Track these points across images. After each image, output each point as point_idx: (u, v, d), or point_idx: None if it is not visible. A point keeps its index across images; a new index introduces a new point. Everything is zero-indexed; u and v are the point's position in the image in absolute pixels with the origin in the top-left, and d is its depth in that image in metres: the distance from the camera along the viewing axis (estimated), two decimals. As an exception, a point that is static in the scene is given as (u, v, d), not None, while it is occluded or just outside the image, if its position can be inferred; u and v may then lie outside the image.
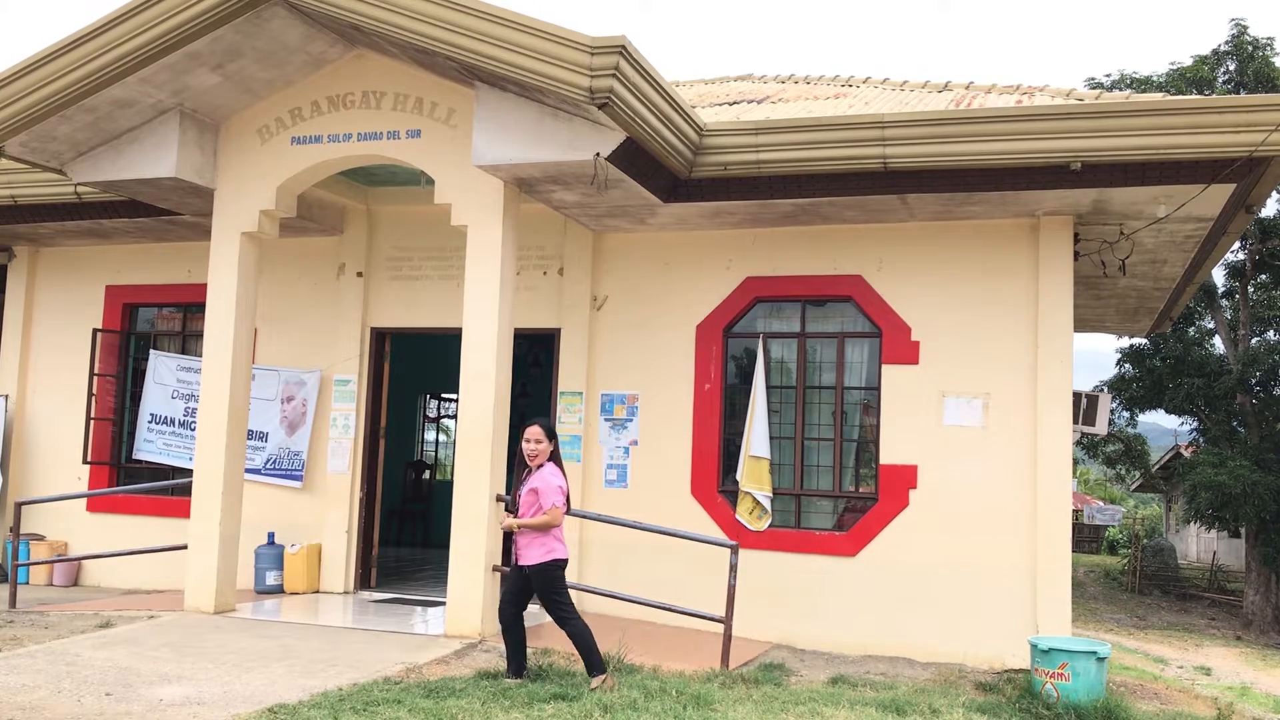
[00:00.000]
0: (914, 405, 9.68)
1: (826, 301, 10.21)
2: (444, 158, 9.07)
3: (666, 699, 6.59)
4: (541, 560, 7.07)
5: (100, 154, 9.76)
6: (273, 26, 8.72)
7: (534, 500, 7.07)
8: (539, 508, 7.05)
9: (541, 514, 7.04)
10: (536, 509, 7.06)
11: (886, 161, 8.72)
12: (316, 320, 11.60)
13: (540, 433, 7.18)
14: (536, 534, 7.08)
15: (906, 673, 8.61)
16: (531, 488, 7.10)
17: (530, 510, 7.09)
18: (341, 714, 6.04)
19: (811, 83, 12.92)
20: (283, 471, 11.53)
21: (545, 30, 7.75)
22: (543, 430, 7.20)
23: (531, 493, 7.09)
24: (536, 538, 7.09)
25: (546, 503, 7.03)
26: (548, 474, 7.13)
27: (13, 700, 6.29)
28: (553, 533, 7.12)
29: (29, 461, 12.63)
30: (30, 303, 12.93)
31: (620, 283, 10.68)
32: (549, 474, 7.14)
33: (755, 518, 9.96)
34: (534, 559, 7.09)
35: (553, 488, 7.07)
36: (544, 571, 7.08)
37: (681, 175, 9.19)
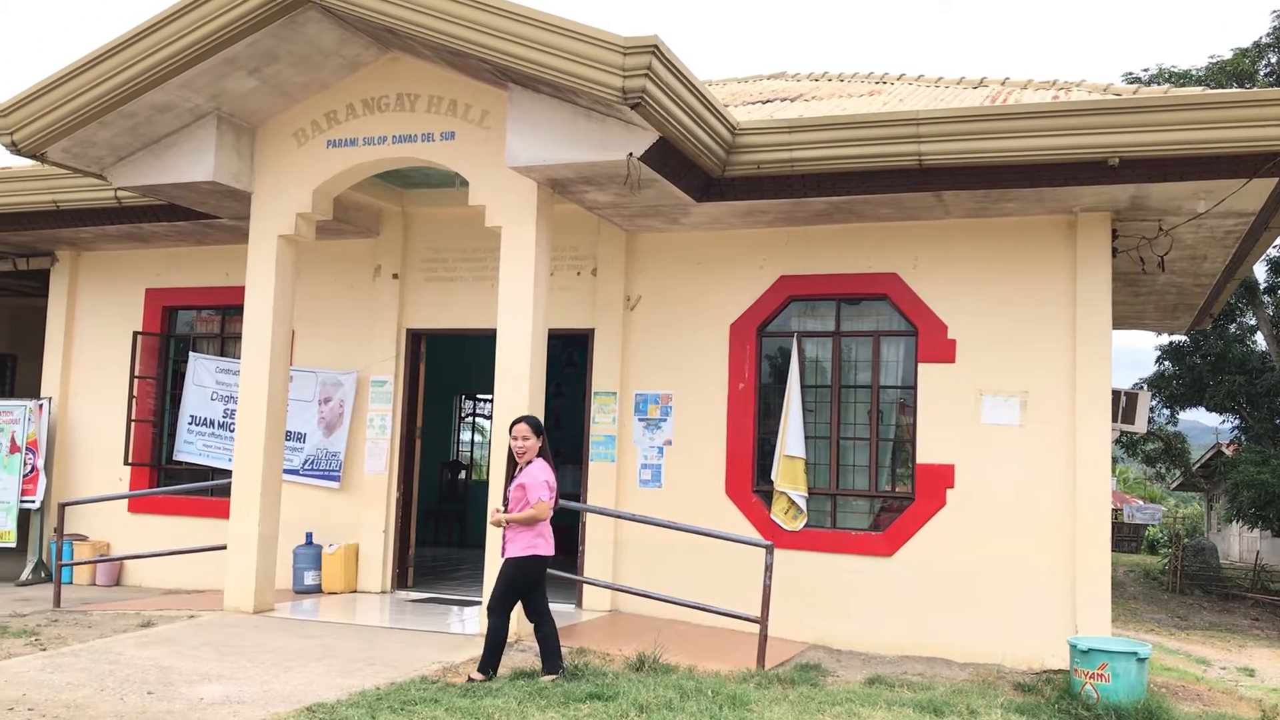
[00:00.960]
0: (951, 404, 9.61)
1: (861, 300, 10.16)
2: (478, 159, 9.11)
3: (702, 699, 6.59)
4: (522, 554, 7.19)
5: (139, 159, 9.87)
6: (308, 30, 8.79)
7: (521, 495, 7.19)
8: (525, 502, 7.16)
9: (528, 509, 7.14)
10: (523, 504, 7.17)
11: (921, 159, 8.66)
12: (353, 322, 11.68)
13: (527, 429, 7.29)
14: (522, 528, 7.19)
15: (944, 673, 8.55)
16: (519, 483, 7.21)
17: (518, 505, 7.20)
18: (379, 713, 6.08)
19: (845, 80, 12.86)
20: (320, 472, 11.63)
21: (577, 31, 7.77)
22: (529, 426, 7.31)
23: (519, 488, 7.21)
24: (521, 532, 7.20)
25: (532, 498, 7.15)
26: (535, 470, 7.24)
27: (58, 698, 6.39)
28: (537, 528, 7.22)
29: (72, 463, 12.80)
30: (72, 306, 13.10)
31: (653, 282, 10.68)
32: (536, 470, 7.24)
33: (790, 518, 9.93)
34: (515, 552, 7.20)
35: (539, 483, 7.18)
36: (519, 564, 7.18)
37: (714, 174, 9.18)
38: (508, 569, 7.21)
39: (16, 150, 9.50)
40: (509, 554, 7.22)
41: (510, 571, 7.20)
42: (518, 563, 7.19)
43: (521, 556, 7.19)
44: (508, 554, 7.23)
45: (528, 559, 7.19)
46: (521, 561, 7.19)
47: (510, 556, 7.21)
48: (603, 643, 8.52)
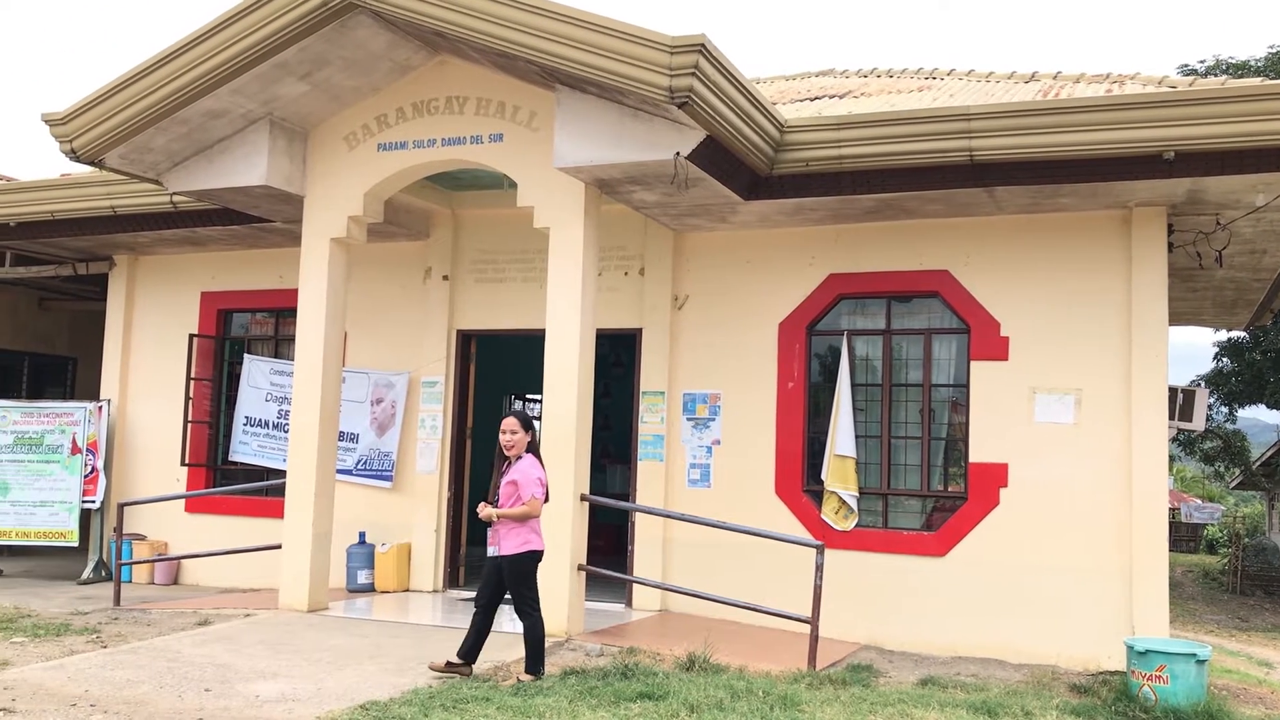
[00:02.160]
0: (1004, 402, 9.51)
1: (912, 297, 10.08)
2: (526, 160, 9.15)
3: (753, 699, 6.57)
4: (517, 550, 7.18)
5: (194, 164, 10.02)
6: (358, 35, 8.88)
7: (513, 491, 7.18)
8: (518, 499, 7.16)
9: (520, 504, 7.14)
10: (515, 500, 7.17)
11: (972, 154, 8.57)
12: (404, 323, 11.78)
13: (515, 424, 7.29)
14: (514, 524, 7.18)
15: (998, 674, 8.46)
16: (511, 479, 7.21)
17: (510, 501, 7.20)
18: (431, 711, 6.13)
19: (894, 76, 12.77)
20: (373, 472, 11.74)
21: (624, 31, 7.77)
22: (518, 421, 7.31)
23: (510, 484, 7.20)
24: (514, 528, 7.19)
25: (525, 494, 7.15)
26: (526, 466, 7.24)
27: (118, 695, 6.50)
28: (530, 524, 7.23)
29: (130, 464, 13.02)
30: (130, 309, 13.32)
31: (701, 282, 10.66)
32: (528, 465, 7.24)
33: (841, 517, 9.87)
34: (510, 549, 7.19)
35: (531, 479, 7.18)
36: (518, 562, 7.18)
37: (762, 172, 9.14)
38: (512, 570, 7.19)
39: (75, 157, 9.68)
40: (504, 551, 7.21)
41: (513, 570, 7.20)
42: (516, 560, 7.20)
43: (519, 554, 7.20)
44: (503, 551, 7.21)
45: (524, 555, 7.22)
46: (519, 559, 7.21)
47: (506, 554, 7.20)
48: (653, 642, 8.52)
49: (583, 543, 8.97)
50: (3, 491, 12.47)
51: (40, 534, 12.41)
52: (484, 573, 7.45)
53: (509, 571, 7.19)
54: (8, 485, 12.48)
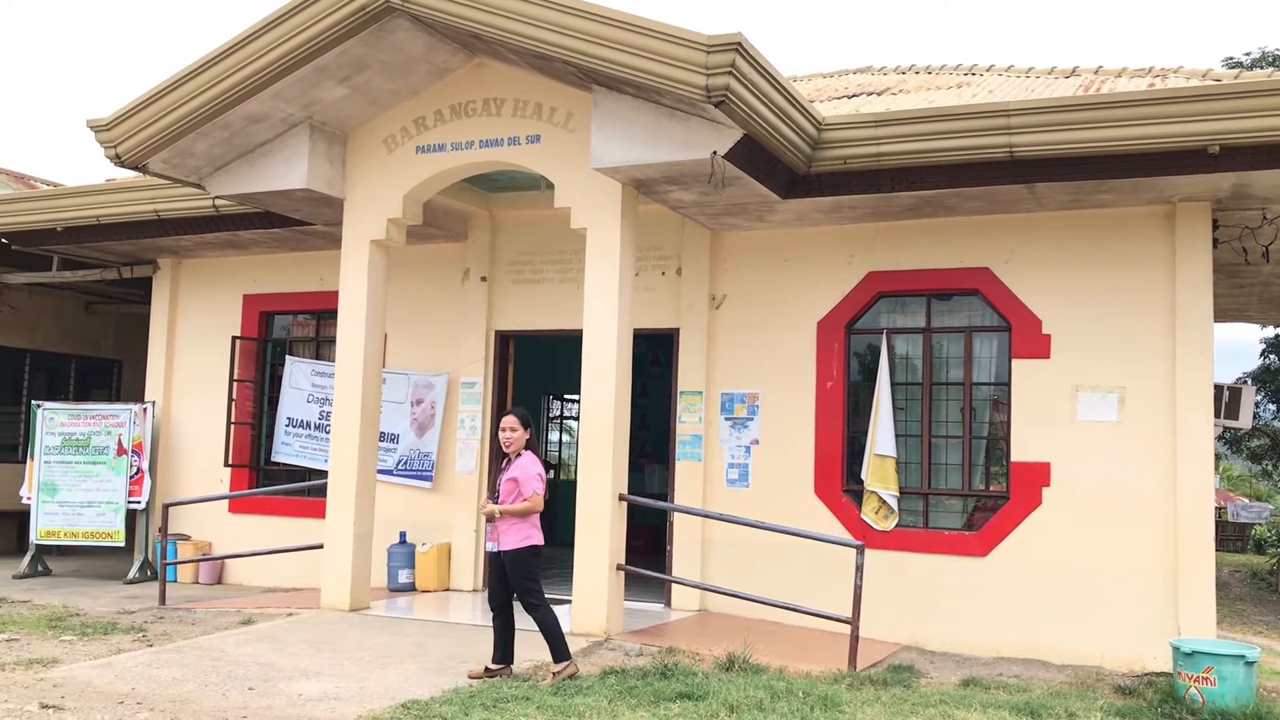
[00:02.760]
0: (1046, 400, 9.41)
1: (952, 295, 10.00)
2: (563, 161, 9.18)
3: (793, 699, 6.55)
4: (518, 546, 7.27)
5: (235, 168, 10.13)
6: (397, 38, 8.94)
7: (514, 488, 7.28)
8: (519, 495, 7.25)
9: (522, 500, 7.23)
10: (517, 496, 7.26)
11: (1013, 150, 8.49)
12: (443, 324, 11.84)
13: (515, 421, 7.40)
14: (516, 520, 7.27)
15: (1041, 675, 8.38)
16: (511, 476, 7.30)
17: (511, 497, 7.28)
18: (472, 710, 6.16)
19: (933, 73, 12.68)
20: (413, 472, 11.81)
21: (660, 30, 7.77)
22: (517, 419, 7.41)
23: (511, 481, 7.29)
24: (515, 524, 7.27)
25: (527, 490, 7.25)
26: (526, 462, 7.34)
27: (164, 693, 6.59)
28: (530, 519, 7.32)
29: (175, 464, 13.18)
30: (174, 312, 13.49)
31: (739, 281, 10.64)
32: (528, 462, 7.34)
33: (881, 517, 9.81)
34: (511, 544, 7.27)
35: (532, 475, 7.29)
36: (519, 557, 7.27)
37: (800, 170, 9.11)
38: (515, 565, 7.28)
39: (120, 162, 9.81)
40: (505, 546, 7.29)
41: (516, 565, 7.28)
42: (518, 555, 7.28)
43: (520, 549, 7.28)
44: (504, 546, 7.30)
45: (525, 550, 7.30)
46: (521, 554, 7.29)
47: (508, 549, 7.29)
48: (692, 642, 8.52)
49: (621, 542, 8.97)
50: (51, 492, 12.67)
51: (87, 534, 12.60)
52: (489, 574, 7.52)
53: (511, 567, 7.29)
54: (56, 486, 12.68)
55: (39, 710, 6.02)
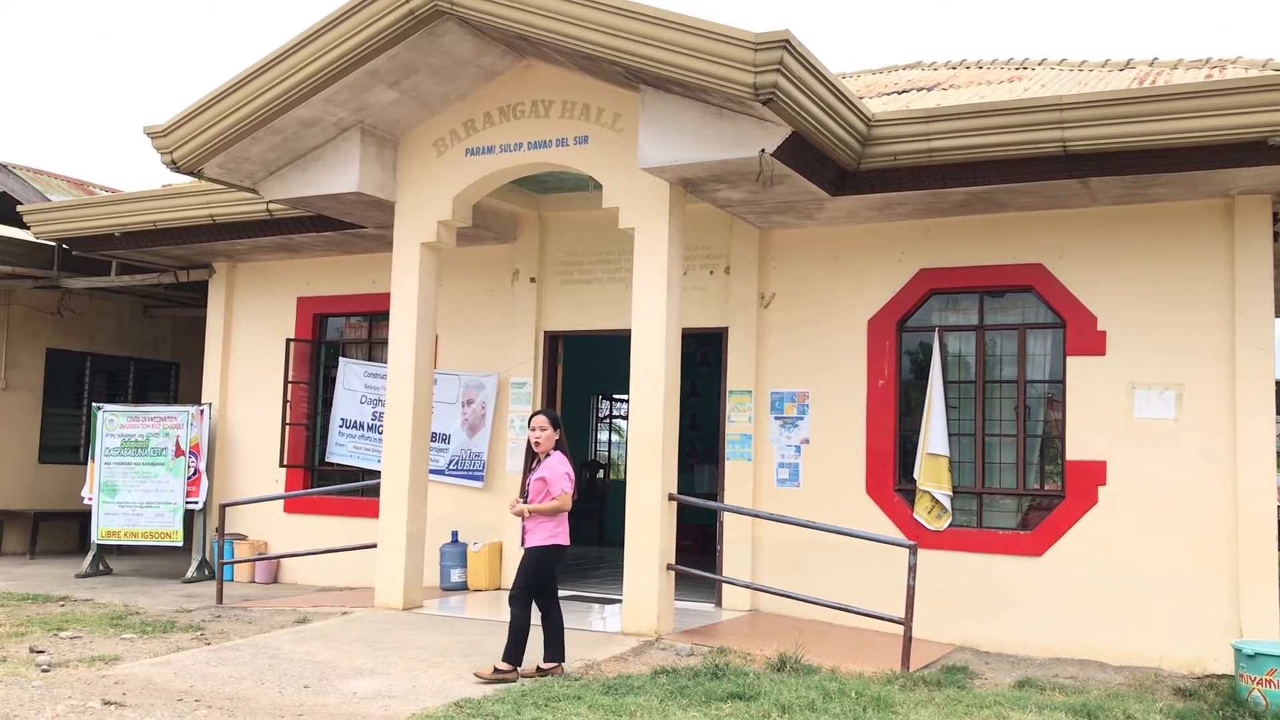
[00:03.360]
0: (1101, 398, 9.27)
1: (1005, 292, 9.89)
2: (611, 162, 9.19)
3: (845, 700, 6.50)
4: (544, 543, 7.35)
5: (288, 172, 10.25)
6: (445, 42, 9.00)
7: (543, 487, 7.36)
8: (548, 494, 7.33)
9: (551, 499, 7.30)
10: (545, 495, 7.34)
11: (1066, 145, 8.38)
12: (493, 325, 11.91)
13: (545, 421, 7.48)
14: (543, 519, 7.34)
15: (1098, 676, 8.26)
16: (540, 476, 7.38)
17: (540, 497, 7.36)
18: (524, 709, 6.18)
19: (984, 67, 12.55)
20: (465, 472, 11.89)
21: (708, 29, 7.76)
22: (547, 419, 7.50)
23: (540, 480, 7.37)
24: (543, 523, 7.35)
25: (555, 489, 7.33)
26: (554, 463, 7.41)
27: (221, 691, 6.69)
28: (558, 519, 7.39)
29: (231, 465, 13.37)
30: (229, 315, 13.68)
31: (788, 279, 10.59)
32: (555, 462, 7.41)
33: (934, 517, 9.72)
34: (537, 541, 7.36)
35: (560, 475, 7.37)
36: (540, 554, 7.35)
37: (849, 167, 9.05)
38: (529, 559, 7.36)
39: (175, 168, 9.96)
40: (530, 544, 7.38)
41: (532, 561, 7.35)
42: (539, 553, 7.35)
43: (543, 547, 7.35)
44: (529, 544, 7.39)
45: (548, 549, 7.36)
46: (543, 552, 7.35)
47: (531, 546, 7.37)
48: (743, 642, 8.49)
49: (671, 542, 8.97)
50: (111, 493, 12.91)
51: (146, 534, 12.82)
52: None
53: (526, 560, 7.37)
54: (115, 487, 12.92)
55: (101, 706, 6.14)
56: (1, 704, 6.09)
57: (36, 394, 15.42)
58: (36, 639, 8.26)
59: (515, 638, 7.28)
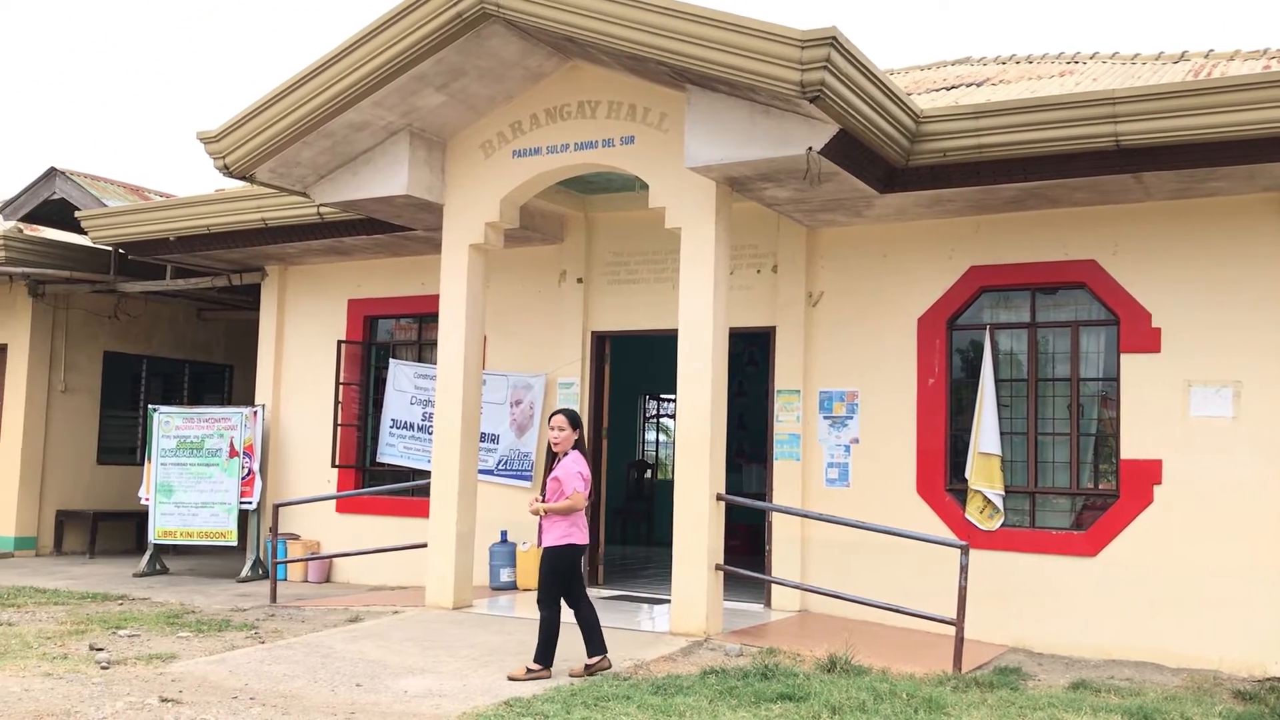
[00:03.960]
0: (1157, 396, 9.12)
1: (1058, 289, 9.76)
2: (657, 162, 9.19)
3: (896, 701, 6.46)
4: (557, 543, 7.38)
5: (339, 176, 10.36)
6: (492, 44, 9.05)
7: (556, 487, 7.40)
8: (561, 493, 7.36)
9: (564, 499, 7.34)
10: (559, 494, 7.37)
11: (1119, 139, 8.26)
12: (541, 326, 11.95)
13: (563, 421, 7.51)
14: (557, 518, 7.37)
15: (1155, 678, 8.13)
16: (554, 476, 7.42)
17: (554, 496, 7.39)
18: (573, 709, 6.20)
19: (1034, 62, 12.41)
20: (513, 472, 11.95)
21: (754, 27, 7.73)
22: (566, 419, 7.52)
23: (554, 480, 7.41)
24: (557, 522, 7.38)
25: (568, 488, 7.36)
26: (569, 462, 7.45)
27: (275, 689, 6.77)
28: (572, 518, 7.40)
29: (284, 466, 13.53)
30: (281, 318, 13.85)
31: (836, 278, 10.53)
32: (570, 462, 7.45)
33: (986, 517, 9.62)
34: (550, 542, 7.40)
35: (573, 474, 7.39)
36: (556, 554, 7.39)
37: (898, 164, 8.98)
38: (546, 560, 7.41)
39: (228, 172, 10.10)
40: (546, 543, 7.43)
41: (550, 561, 7.40)
42: (555, 552, 7.40)
43: (559, 546, 7.38)
44: (544, 543, 7.44)
45: (564, 548, 7.39)
46: (559, 551, 7.39)
47: (548, 547, 7.42)
48: (792, 643, 8.46)
49: (719, 542, 8.95)
50: (167, 493, 13.11)
51: (202, 534, 13.01)
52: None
53: (545, 562, 7.41)
54: (171, 487, 13.12)
55: (159, 704, 6.24)
56: (63, 700, 6.22)
57: (95, 396, 15.71)
58: (96, 637, 8.42)
59: (545, 638, 7.33)
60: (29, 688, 6.50)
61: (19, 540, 14.74)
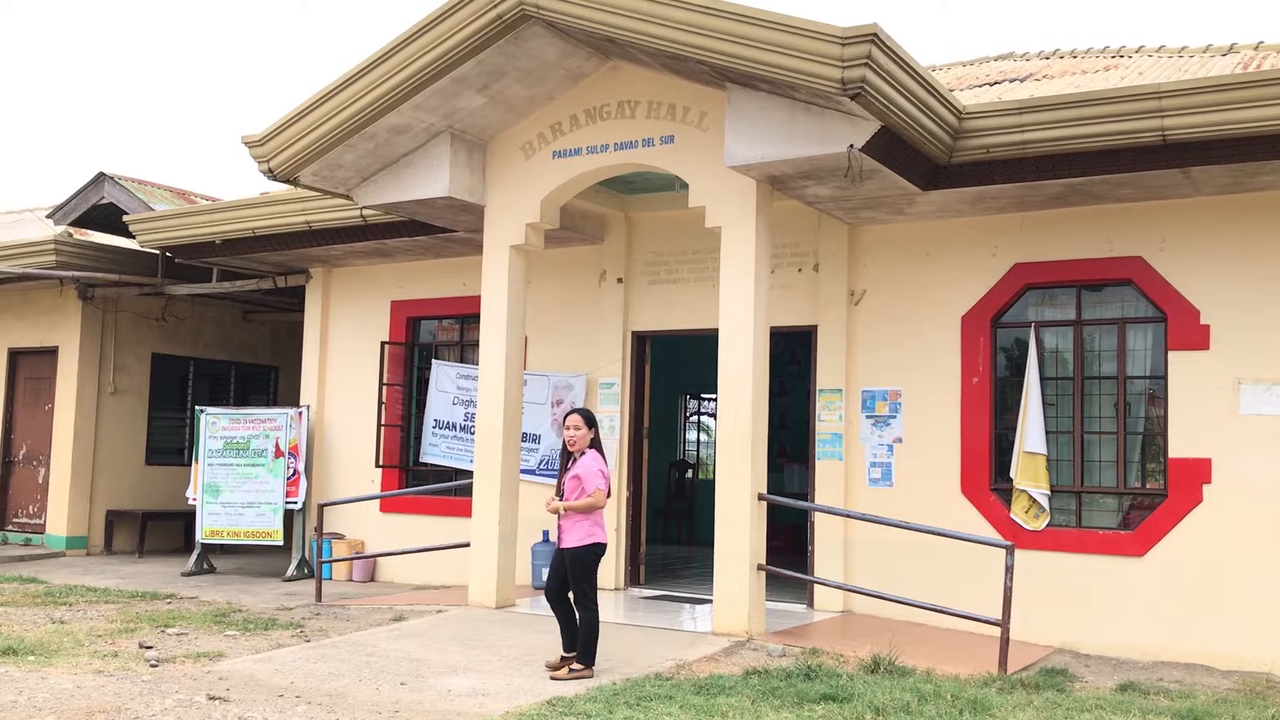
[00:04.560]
0: (1206, 394, 8.98)
1: (1104, 286, 9.64)
2: (697, 161, 9.18)
3: (941, 703, 6.41)
4: (581, 543, 7.37)
5: (381, 178, 10.44)
6: (532, 45, 9.08)
7: (577, 485, 7.40)
8: (582, 492, 7.36)
9: (585, 497, 7.33)
10: (580, 493, 7.37)
11: (1165, 134, 8.14)
12: (581, 326, 11.98)
13: (579, 419, 7.52)
14: (579, 517, 7.37)
15: (1205, 681, 8.01)
16: (575, 474, 7.41)
17: (574, 494, 7.39)
18: (615, 708, 6.20)
19: (1079, 57, 12.26)
20: (555, 472, 11.96)
21: (795, 25, 7.70)
22: (582, 418, 7.53)
23: (575, 479, 7.40)
24: (579, 521, 7.37)
25: (589, 487, 7.36)
26: (589, 460, 7.45)
27: (321, 687, 6.83)
28: (593, 517, 7.40)
29: (329, 466, 13.65)
30: (325, 319, 13.97)
31: (878, 276, 10.46)
32: (590, 460, 7.45)
33: (1032, 516, 9.52)
34: (574, 541, 7.37)
35: (594, 473, 7.39)
36: (581, 555, 7.38)
37: (940, 161, 8.91)
38: (574, 562, 7.39)
39: (273, 176, 10.21)
40: (567, 544, 7.40)
41: (577, 562, 7.39)
42: (581, 553, 7.39)
43: (582, 546, 7.38)
44: (566, 544, 7.41)
45: (587, 548, 7.39)
46: (582, 552, 7.39)
47: (569, 547, 7.40)
48: (835, 643, 8.42)
49: (761, 542, 8.93)
50: (214, 493, 13.27)
51: (248, 533, 13.16)
52: (551, 567, 7.64)
53: (571, 564, 7.40)
54: (218, 488, 13.28)
55: (207, 701, 6.31)
56: (114, 697, 6.31)
57: (143, 398, 15.94)
58: (145, 635, 8.54)
59: (590, 640, 7.36)
60: (81, 685, 6.61)
61: (70, 540, 15.00)
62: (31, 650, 7.68)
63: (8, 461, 15.93)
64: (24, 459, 15.79)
